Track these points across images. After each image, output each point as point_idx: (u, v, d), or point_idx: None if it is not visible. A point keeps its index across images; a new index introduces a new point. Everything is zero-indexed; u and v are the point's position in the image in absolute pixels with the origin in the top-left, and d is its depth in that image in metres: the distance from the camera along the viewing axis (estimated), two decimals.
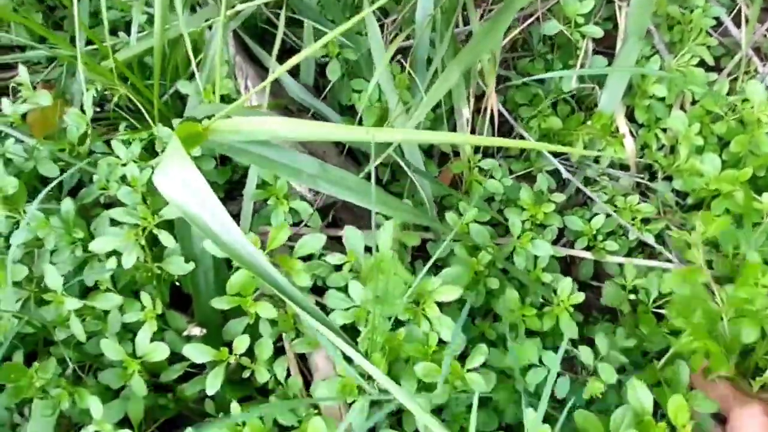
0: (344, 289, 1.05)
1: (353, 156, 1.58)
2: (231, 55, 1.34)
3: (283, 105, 1.37)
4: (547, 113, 1.72)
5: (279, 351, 1.12)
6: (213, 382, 0.98)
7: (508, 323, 1.17)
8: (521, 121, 1.73)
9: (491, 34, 1.19)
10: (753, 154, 1.47)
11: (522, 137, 1.71)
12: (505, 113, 1.64)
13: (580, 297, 1.18)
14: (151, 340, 1.01)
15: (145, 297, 1.05)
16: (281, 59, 1.67)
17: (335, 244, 1.28)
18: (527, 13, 1.74)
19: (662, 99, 1.65)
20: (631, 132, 1.63)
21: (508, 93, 1.82)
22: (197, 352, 1.00)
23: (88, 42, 1.43)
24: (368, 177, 0.93)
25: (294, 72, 1.57)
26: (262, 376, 1.03)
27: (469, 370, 1.00)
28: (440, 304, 1.04)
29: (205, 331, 1.09)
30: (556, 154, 1.74)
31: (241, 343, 1.01)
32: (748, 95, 1.45)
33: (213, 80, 1.24)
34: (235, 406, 0.94)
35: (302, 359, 1.18)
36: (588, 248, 1.45)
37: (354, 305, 1.03)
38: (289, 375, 1.11)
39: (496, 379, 1.02)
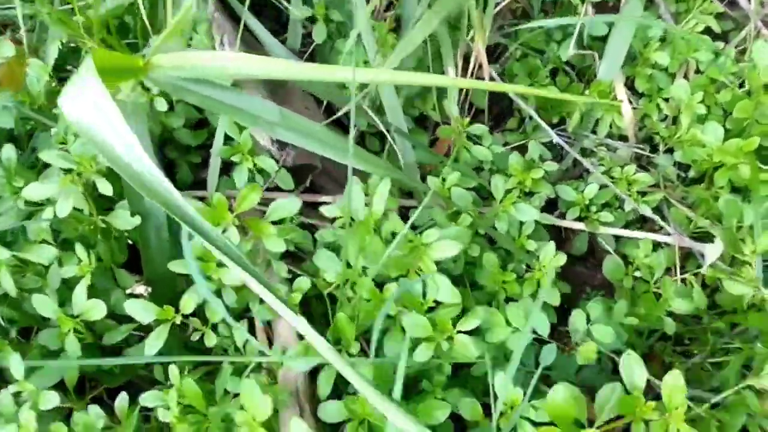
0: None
1: (343, 126, 1.52)
2: (210, 12, 1.27)
3: None
4: (544, 83, 1.63)
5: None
6: (154, 343, 0.91)
7: (487, 291, 1.09)
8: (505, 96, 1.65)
9: None
10: (758, 123, 1.37)
11: (519, 109, 1.62)
12: (498, 78, 1.56)
13: (561, 259, 1.09)
14: (89, 297, 0.93)
15: (80, 250, 0.97)
16: (270, 24, 1.61)
17: (313, 211, 1.21)
18: None
19: (665, 69, 1.56)
20: (630, 100, 1.54)
21: (507, 65, 1.73)
22: (140, 310, 0.92)
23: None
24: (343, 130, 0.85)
25: (282, 38, 1.51)
26: (211, 340, 0.96)
27: (460, 332, 0.92)
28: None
29: (150, 289, 1.02)
30: (552, 125, 1.66)
31: (188, 302, 0.94)
32: (755, 58, 1.35)
33: (187, 35, 1.17)
34: (173, 369, 0.87)
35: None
36: (580, 219, 1.37)
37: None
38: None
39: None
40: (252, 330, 1.07)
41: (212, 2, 1.24)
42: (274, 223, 0.99)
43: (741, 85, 1.48)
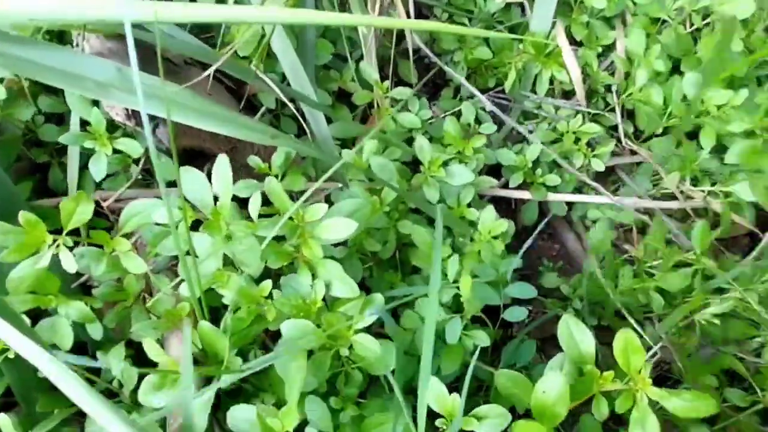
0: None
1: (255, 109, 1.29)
2: None
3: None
4: (474, 45, 1.42)
5: None
6: None
7: (425, 275, 0.87)
8: (447, 56, 1.44)
9: None
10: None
11: (445, 75, 1.41)
12: (423, 47, 1.34)
13: (502, 225, 0.88)
14: None
15: None
16: None
17: None
18: None
19: (602, 14, 1.37)
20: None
21: (434, 31, 1.52)
22: None
23: None
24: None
25: None
26: None
27: (357, 332, 0.70)
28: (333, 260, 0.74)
29: None
30: (488, 89, 1.46)
31: None
32: None
33: None
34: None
35: None
36: (525, 186, 1.16)
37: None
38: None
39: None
40: None
41: None
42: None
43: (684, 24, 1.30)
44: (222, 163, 0.75)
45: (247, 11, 0.67)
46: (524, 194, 1.21)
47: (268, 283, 0.74)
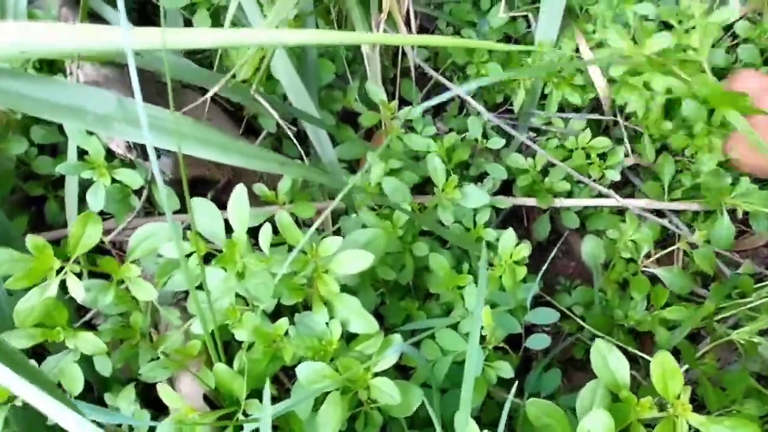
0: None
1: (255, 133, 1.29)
2: (57, 7, 1.03)
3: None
4: (483, 60, 1.43)
5: None
6: None
7: (444, 301, 0.85)
8: (457, 71, 1.45)
9: None
10: None
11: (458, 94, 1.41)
12: (424, 65, 1.34)
13: (524, 249, 0.87)
14: None
15: None
16: (136, 12, 1.37)
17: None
18: None
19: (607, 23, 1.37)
20: None
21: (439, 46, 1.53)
22: None
23: None
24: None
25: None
26: None
27: (377, 375, 0.68)
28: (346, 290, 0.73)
29: None
30: (496, 107, 1.47)
31: None
32: None
33: None
34: None
35: None
36: (532, 194, 1.16)
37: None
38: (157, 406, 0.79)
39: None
40: None
41: None
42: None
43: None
44: (239, 196, 0.75)
45: (253, 35, 0.67)
46: (530, 201, 1.21)
47: (284, 322, 0.73)
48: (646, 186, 1.24)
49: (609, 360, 0.64)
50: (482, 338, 0.80)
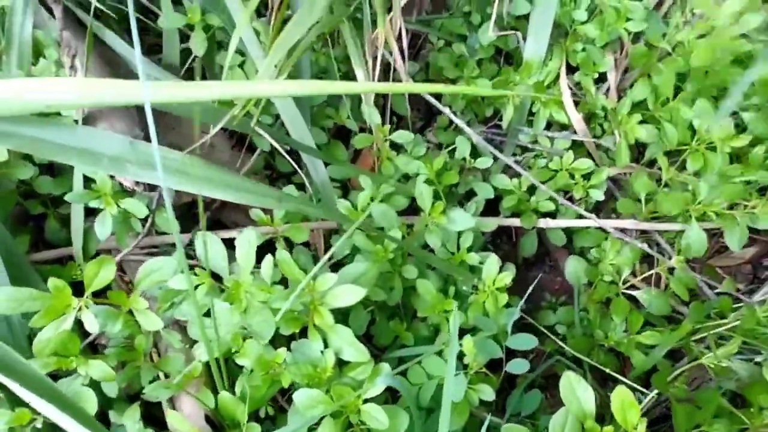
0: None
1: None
2: (58, 30, 1.07)
3: None
4: (473, 75, 1.48)
5: None
6: None
7: (431, 323, 0.92)
8: (448, 84, 1.50)
9: None
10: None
11: (441, 101, 1.47)
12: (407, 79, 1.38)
13: (507, 277, 0.93)
14: None
15: None
16: (153, 39, 1.41)
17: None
18: None
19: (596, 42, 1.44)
20: (569, 87, 1.41)
21: (430, 57, 1.58)
22: None
23: None
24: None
25: (158, 52, 1.32)
26: None
27: (367, 401, 0.74)
28: (339, 312, 0.79)
29: None
30: (486, 120, 1.53)
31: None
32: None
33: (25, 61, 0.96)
34: None
35: None
36: (517, 214, 1.22)
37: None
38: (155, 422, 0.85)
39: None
40: None
41: (60, 18, 1.04)
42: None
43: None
44: (246, 240, 0.81)
45: (261, 87, 0.72)
46: (515, 221, 1.27)
47: (282, 351, 0.79)
48: (621, 203, 1.30)
49: (577, 390, 0.71)
50: (465, 364, 0.87)
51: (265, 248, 1.08)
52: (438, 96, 1.52)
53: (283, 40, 0.85)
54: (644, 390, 0.97)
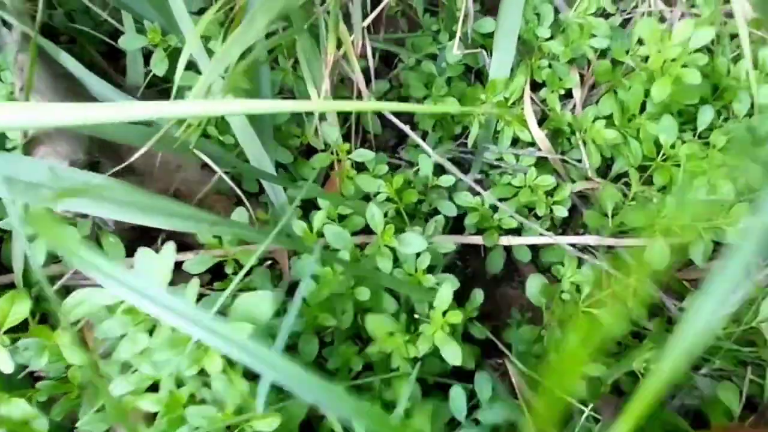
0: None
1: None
2: (13, 54, 1.04)
3: None
4: (441, 93, 1.45)
5: None
6: None
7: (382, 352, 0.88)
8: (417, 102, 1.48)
9: None
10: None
11: (413, 117, 1.44)
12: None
13: (456, 316, 0.89)
14: None
15: None
16: (105, 57, 1.39)
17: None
18: None
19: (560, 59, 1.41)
20: (533, 98, 1.38)
21: (402, 75, 1.55)
22: None
23: None
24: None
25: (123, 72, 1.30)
26: None
27: None
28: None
29: None
30: (455, 137, 1.50)
31: None
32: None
33: None
34: None
35: None
36: (480, 232, 1.19)
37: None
38: None
39: None
40: None
41: (15, 41, 1.01)
42: None
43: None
44: (167, 252, 0.77)
45: (187, 107, 0.68)
46: (477, 239, 1.23)
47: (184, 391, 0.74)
48: (588, 216, 1.27)
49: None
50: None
51: (215, 271, 1.05)
52: (411, 115, 1.51)
53: (224, 53, 0.82)
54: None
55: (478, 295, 0.99)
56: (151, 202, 0.72)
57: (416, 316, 0.93)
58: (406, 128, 1.25)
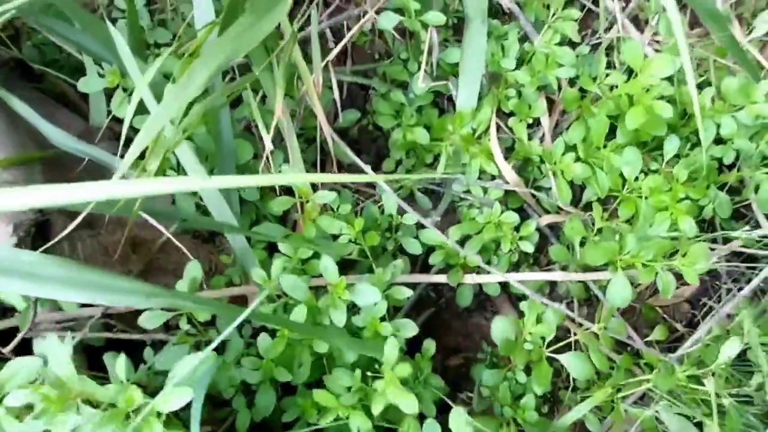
0: None
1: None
2: None
3: (38, 158, 1.05)
4: (411, 123, 1.42)
5: None
6: None
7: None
8: (385, 133, 1.46)
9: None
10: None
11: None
12: (334, 138, 1.30)
13: (405, 369, 0.86)
14: None
15: None
16: (59, 100, 1.37)
17: None
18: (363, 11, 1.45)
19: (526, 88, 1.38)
20: (503, 128, 1.36)
21: (373, 103, 1.52)
22: None
23: None
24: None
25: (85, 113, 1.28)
26: None
27: None
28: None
29: None
30: (425, 164, 1.47)
31: None
32: (626, 59, 1.19)
33: None
34: None
35: None
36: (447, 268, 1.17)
37: None
38: None
39: None
40: None
41: None
42: None
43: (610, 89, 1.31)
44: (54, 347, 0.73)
45: (120, 188, 0.65)
46: (441, 278, 1.21)
47: None
48: (554, 250, 1.24)
49: None
50: None
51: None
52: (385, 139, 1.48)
53: (164, 106, 0.78)
54: None
55: (431, 347, 0.97)
56: (87, 277, 0.69)
57: (369, 373, 0.91)
58: (367, 168, 1.22)
